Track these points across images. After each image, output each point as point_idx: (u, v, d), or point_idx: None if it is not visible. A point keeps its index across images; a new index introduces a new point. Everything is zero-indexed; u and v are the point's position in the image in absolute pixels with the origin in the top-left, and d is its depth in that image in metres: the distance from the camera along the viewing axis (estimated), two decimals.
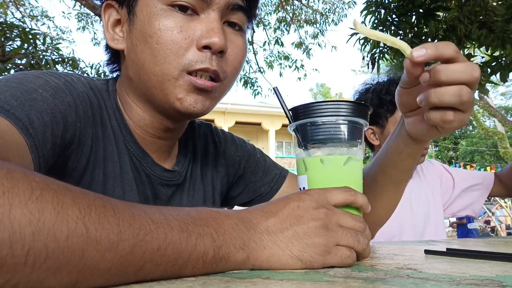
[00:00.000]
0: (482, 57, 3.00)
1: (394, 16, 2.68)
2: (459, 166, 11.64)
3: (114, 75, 0.68)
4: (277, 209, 0.43)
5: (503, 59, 2.60)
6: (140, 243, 0.31)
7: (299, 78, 8.65)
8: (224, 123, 18.29)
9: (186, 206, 0.69)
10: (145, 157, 0.63)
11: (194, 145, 0.75)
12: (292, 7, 8.14)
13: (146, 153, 0.64)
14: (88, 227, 0.28)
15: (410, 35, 2.71)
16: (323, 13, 8.41)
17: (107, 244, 0.29)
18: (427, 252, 0.56)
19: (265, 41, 8.06)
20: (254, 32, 7.84)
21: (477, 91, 2.79)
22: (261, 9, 8.27)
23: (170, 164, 0.69)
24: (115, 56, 0.65)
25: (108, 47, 0.64)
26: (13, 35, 3.50)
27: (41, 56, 3.75)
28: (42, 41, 3.91)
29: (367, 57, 2.90)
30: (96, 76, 4.58)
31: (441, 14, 2.68)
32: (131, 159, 0.62)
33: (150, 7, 0.54)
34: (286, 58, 8.36)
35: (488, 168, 10.91)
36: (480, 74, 0.45)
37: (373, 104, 1.28)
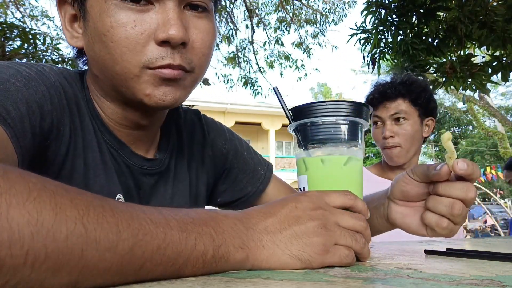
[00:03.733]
0: (483, 57, 3.00)
1: (394, 16, 2.68)
2: None
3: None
4: (275, 210, 0.43)
5: (504, 59, 2.60)
6: (140, 242, 0.31)
7: (300, 78, 8.64)
8: (224, 123, 18.21)
9: (171, 195, 0.68)
10: (122, 147, 0.61)
11: (178, 132, 0.72)
12: (292, 7, 8.14)
13: (123, 144, 0.61)
14: (87, 227, 0.28)
15: (410, 35, 2.71)
16: (323, 13, 8.40)
17: (106, 244, 0.29)
18: (427, 252, 0.56)
19: (265, 41, 8.06)
20: (254, 32, 7.85)
21: (477, 91, 2.79)
22: (261, 8, 8.28)
23: (152, 153, 0.66)
24: (81, 50, 0.60)
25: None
26: (13, 35, 3.50)
27: (41, 56, 3.75)
28: (42, 41, 3.91)
29: (368, 57, 2.90)
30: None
31: (441, 14, 2.69)
32: (109, 150, 0.60)
33: (100, 2, 0.50)
34: (287, 58, 8.36)
35: (488, 168, 10.89)
36: (476, 194, 0.53)
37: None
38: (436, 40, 2.74)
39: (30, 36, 3.57)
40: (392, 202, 0.61)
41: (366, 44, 2.85)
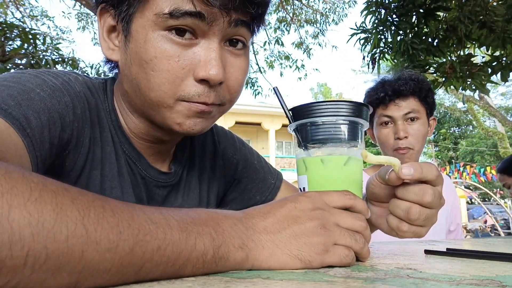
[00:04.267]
0: (483, 57, 3.00)
1: (394, 16, 2.68)
2: (459, 166, 11.62)
3: (112, 74, 0.66)
4: (274, 210, 0.44)
5: (504, 59, 2.60)
6: (140, 243, 0.31)
7: (300, 78, 8.66)
8: (224, 123, 18.26)
9: (181, 205, 0.68)
10: (140, 159, 0.63)
11: (192, 143, 0.74)
12: (292, 7, 8.14)
13: (142, 156, 0.63)
14: (87, 228, 0.28)
15: (410, 35, 2.71)
16: (323, 12, 8.41)
17: (106, 245, 0.29)
18: (427, 252, 0.56)
19: (265, 41, 8.06)
20: None
21: (477, 91, 2.79)
22: None
23: (166, 165, 0.68)
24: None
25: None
26: (13, 35, 3.50)
27: (41, 56, 3.75)
28: (42, 41, 3.92)
29: (368, 57, 2.90)
30: (96, 76, 4.57)
31: (441, 14, 2.68)
32: (127, 161, 0.61)
33: (146, 30, 0.51)
34: (287, 58, 8.36)
35: (488, 168, 10.89)
36: (433, 199, 0.49)
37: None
38: (436, 40, 2.74)
39: (30, 36, 3.58)
40: (369, 203, 0.60)
41: (366, 44, 2.85)
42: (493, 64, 2.61)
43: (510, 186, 2.07)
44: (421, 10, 2.60)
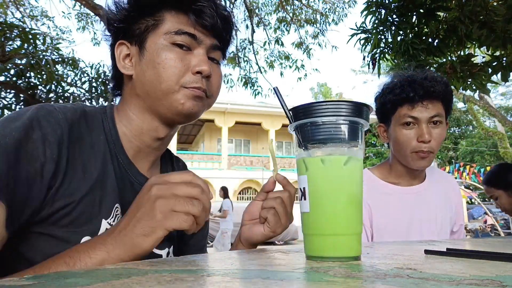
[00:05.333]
0: (483, 57, 3.00)
1: (394, 16, 2.68)
2: (459, 166, 11.62)
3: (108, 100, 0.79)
4: (131, 209, 0.56)
5: (504, 59, 2.59)
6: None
7: (300, 78, 8.64)
8: (224, 123, 18.27)
9: None
10: (131, 167, 0.77)
11: (161, 165, 0.92)
12: (292, 7, 8.15)
13: (132, 164, 0.77)
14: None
15: (410, 35, 2.71)
16: (323, 13, 8.41)
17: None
18: (427, 252, 0.56)
19: (265, 41, 8.07)
20: (254, 32, 7.85)
21: (477, 91, 2.79)
22: (261, 9, 8.28)
23: (150, 174, 0.83)
24: (119, 84, 0.81)
25: (114, 77, 0.80)
26: (13, 35, 3.50)
27: (41, 56, 3.75)
28: (42, 41, 3.92)
29: (368, 57, 2.90)
30: (96, 75, 4.58)
31: (441, 14, 2.68)
32: (119, 168, 0.74)
33: (158, 44, 0.72)
34: (287, 58, 8.36)
35: (488, 168, 10.89)
36: (288, 196, 0.74)
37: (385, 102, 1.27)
38: (436, 40, 2.74)
39: (30, 36, 3.58)
40: (243, 226, 0.80)
41: (366, 44, 2.85)
42: (494, 64, 2.61)
43: (497, 197, 2.05)
44: (421, 10, 2.60)
